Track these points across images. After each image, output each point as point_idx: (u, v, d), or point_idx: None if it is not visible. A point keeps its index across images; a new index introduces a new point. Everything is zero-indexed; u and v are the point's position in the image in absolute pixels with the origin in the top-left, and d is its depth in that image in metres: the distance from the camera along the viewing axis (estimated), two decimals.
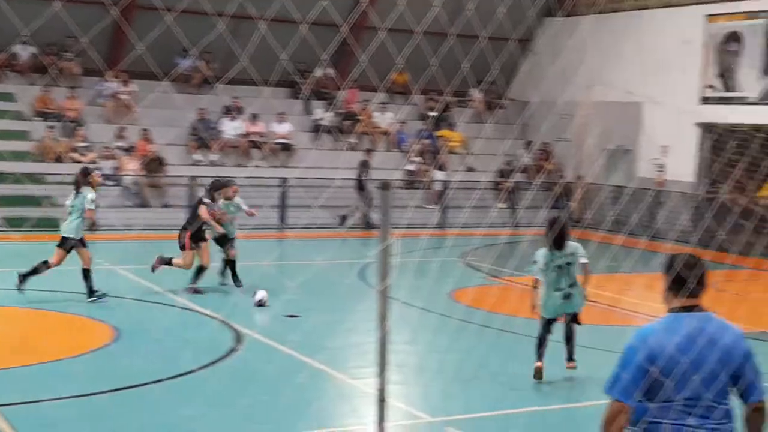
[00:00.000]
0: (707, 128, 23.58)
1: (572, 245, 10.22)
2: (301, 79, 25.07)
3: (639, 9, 25.26)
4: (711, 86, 23.88)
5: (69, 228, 13.16)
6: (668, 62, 24.28)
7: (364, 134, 26.19)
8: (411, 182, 25.40)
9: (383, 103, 26.98)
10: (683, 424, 4.52)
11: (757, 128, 19.72)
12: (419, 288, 14.18)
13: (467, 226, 20.96)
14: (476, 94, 28.40)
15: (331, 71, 26.69)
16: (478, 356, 10.82)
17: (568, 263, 10.07)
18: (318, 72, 26.31)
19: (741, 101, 22.89)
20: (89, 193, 13.12)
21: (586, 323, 10.94)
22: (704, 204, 22.52)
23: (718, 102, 23.37)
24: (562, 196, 25.51)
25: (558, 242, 9.96)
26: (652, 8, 24.81)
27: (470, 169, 26.26)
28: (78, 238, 13.13)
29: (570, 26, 26.11)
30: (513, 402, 9.45)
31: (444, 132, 27.31)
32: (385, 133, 26.59)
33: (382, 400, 4.88)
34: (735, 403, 4.64)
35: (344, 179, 22.11)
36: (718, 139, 22.77)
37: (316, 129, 25.71)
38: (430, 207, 24.48)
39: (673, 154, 24.25)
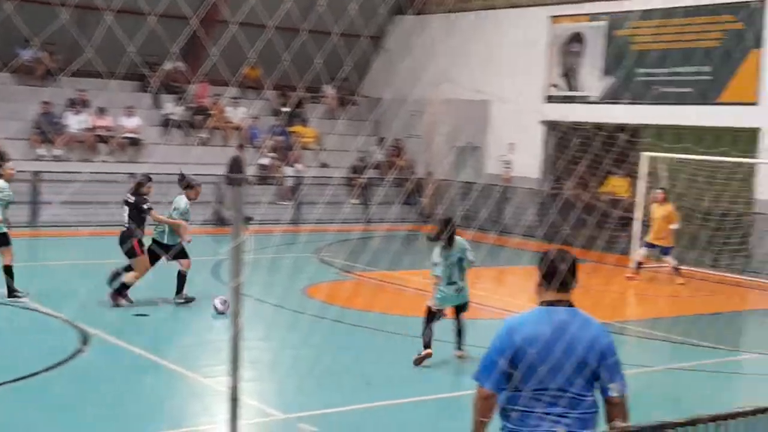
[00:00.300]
0: (551, 126, 24.38)
1: (460, 241, 10.85)
2: (150, 72, 24.52)
3: (486, 9, 25.86)
4: (555, 85, 24.70)
5: None
6: (514, 61, 24.96)
7: (215, 129, 25.86)
8: (264, 178, 25.24)
9: (235, 98, 26.70)
10: (532, 412, 4.72)
11: (598, 126, 20.51)
12: (273, 284, 14.11)
13: (321, 222, 21.00)
14: (329, 91, 28.47)
15: (180, 65, 26.22)
16: (332, 352, 10.86)
17: (460, 259, 10.76)
18: (167, 65, 25.79)
19: (583, 100, 23.77)
20: None
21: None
22: (549, 200, 23.29)
23: (561, 101, 24.20)
24: (413, 192, 25.89)
25: (449, 240, 10.68)
26: (499, 8, 25.44)
27: (323, 165, 26.32)
28: None
29: (420, 24, 26.53)
30: (367, 396, 9.52)
31: (297, 128, 27.26)
32: (237, 128, 26.33)
33: (234, 399, 4.82)
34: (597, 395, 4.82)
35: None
36: (562, 137, 23.58)
37: (166, 123, 25.21)
38: (283, 203, 24.40)
39: (519, 152, 24.96)
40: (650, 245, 18.27)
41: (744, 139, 20.08)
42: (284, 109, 27.09)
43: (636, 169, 20.62)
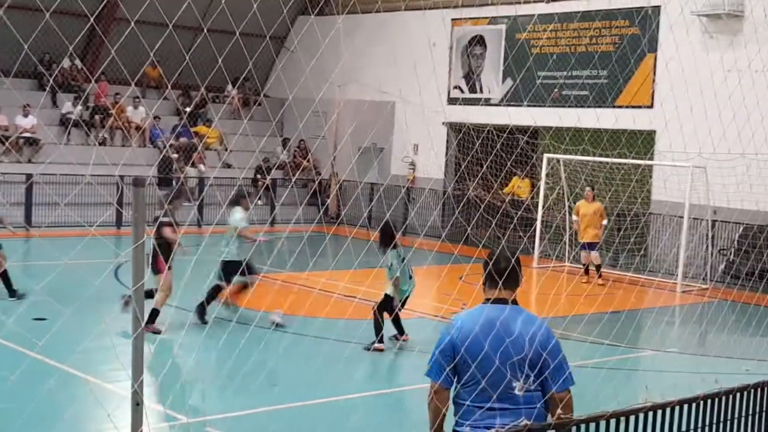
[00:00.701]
0: (454, 128, 24.64)
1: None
2: (48, 70, 23.91)
3: (390, 11, 25.98)
4: (458, 87, 24.97)
5: None
6: (418, 63, 25.13)
7: (116, 129, 25.37)
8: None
9: (136, 98, 26.26)
10: (471, 406, 4.90)
11: (500, 128, 20.80)
12: (175, 287, 13.87)
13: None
14: (233, 91, 28.22)
15: (79, 63, 25.64)
16: (237, 354, 10.75)
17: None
18: (65, 63, 25.19)
19: (485, 102, 24.09)
20: None
21: (341, 317, 11.16)
22: (453, 200, 23.53)
23: (464, 103, 24.48)
24: (318, 193, 25.85)
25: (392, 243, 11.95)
26: (402, 11, 25.60)
27: (227, 166, 26.07)
28: None
29: (324, 25, 26.49)
30: (272, 399, 9.47)
31: (200, 128, 26.94)
32: (138, 128, 25.88)
33: (137, 404, 4.74)
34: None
35: (94, 176, 21.29)
36: (464, 138, 23.86)
37: (65, 123, 24.62)
38: (186, 204, 24.07)
39: (423, 153, 25.15)
40: (585, 245, 18.73)
41: (641, 141, 20.64)
42: (186, 109, 26.76)
43: (537, 171, 21.01)
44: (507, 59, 24.04)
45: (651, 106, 21.03)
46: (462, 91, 25.09)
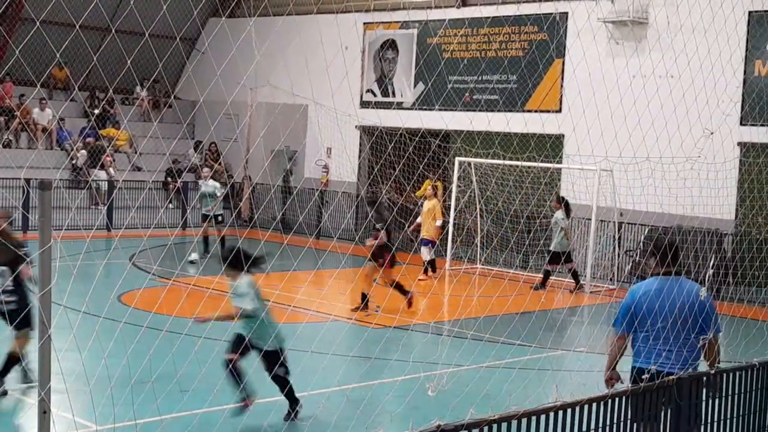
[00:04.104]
0: (367, 131, 24.71)
1: None
2: None
3: (302, 14, 25.92)
4: (370, 91, 25.06)
5: None
6: (331, 67, 25.15)
7: (22, 131, 24.77)
8: (74, 182, 24.39)
9: (42, 99, 25.68)
10: (653, 348, 6.79)
11: (412, 132, 20.96)
12: (85, 292, 13.61)
13: (134, 227, 20.46)
14: (142, 92, 27.82)
15: None
16: (148, 360, 10.59)
17: None
18: None
19: (398, 106, 24.24)
20: None
21: None
22: (366, 203, 23.59)
23: (376, 106, 24.58)
24: (231, 196, 25.64)
25: None
26: (315, 14, 25.58)
27: (137, 169, 25.68)
28: None
29: (236, 27, 26.33)
30: (183, 405, 9.36)
31: (109, 130, 26.47)
32: (45, 130, 25.31)
33: (44, 412, 4.65)
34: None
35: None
36: (377, 142, 23.95)
37: None
38: (94, 207, 23.63)
39: (336, 156, 25.17)
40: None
41: (549, 145, 21.02)
42: (95, 111, 26.27)
43: (449, 174, 21.21)
44: (419, 63, 24.21)
45: (559, 111, 21.43)
46: (374, 95, 25.18)
